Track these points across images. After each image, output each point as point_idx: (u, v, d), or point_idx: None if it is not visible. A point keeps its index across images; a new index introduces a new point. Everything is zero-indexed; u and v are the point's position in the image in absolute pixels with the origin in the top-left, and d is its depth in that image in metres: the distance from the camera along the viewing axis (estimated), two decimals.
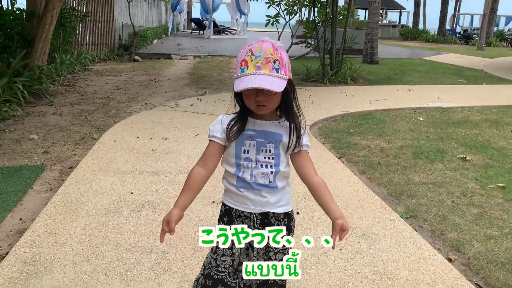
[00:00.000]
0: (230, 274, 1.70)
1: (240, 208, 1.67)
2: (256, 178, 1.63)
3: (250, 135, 1.61)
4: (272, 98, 1.55)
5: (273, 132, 1.62)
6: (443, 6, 32.69)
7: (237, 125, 1.62)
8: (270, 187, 1.65)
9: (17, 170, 4.14)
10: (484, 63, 15.52)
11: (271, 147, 1.62)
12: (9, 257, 2.54)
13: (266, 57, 1.50)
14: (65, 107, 6.82)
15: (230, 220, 1.70)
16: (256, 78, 1.48)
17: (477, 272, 2.57)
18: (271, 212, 1.67)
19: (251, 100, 1.56)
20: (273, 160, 1.63)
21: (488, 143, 5.19)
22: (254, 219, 1.67)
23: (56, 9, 7.83)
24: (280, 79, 1.51)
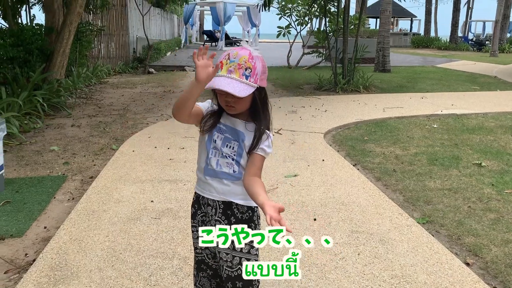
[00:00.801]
0: (208, 256, 1.86)
1: (206, 195, 1.77)
2: (221, 167, 1.73)
3: (221, 129, 1.73)
4: (239, 101, 1.65)
5: (240, 132, 1.72)
6: (455, 14, 32.60)
7: (211, 119, 1.74)
8: (234, 177, 1.73)
9: (39, 180, 4.26)
10: (497, 69, 15.43)
11: (235, 145, 1.72)
12: (37, 263, 2.63)
13: (239, 63, 1.62)
14: (83, 119, 6.98)
15: (200, 207, 1.82)
16: (224, 81, 1.60)
17: (495, 276, 2.59)
18: (234, 202, 1.75)
19: (221, 99, 1.69)
20: (235, 157, 1.72)
21: (503, 149, 5.18)
22: (217, 207, 1.76)
23: (74, 24, 8.04)
24: (247, 86, 1.61)
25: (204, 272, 1.88)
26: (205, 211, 1.80)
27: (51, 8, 8.26)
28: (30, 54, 7.50)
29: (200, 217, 1.83)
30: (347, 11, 9.86)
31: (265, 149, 1.72)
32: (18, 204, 3.67)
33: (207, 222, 1.80)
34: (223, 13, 23.42)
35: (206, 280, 1.89)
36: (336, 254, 2.75)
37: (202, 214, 1.82)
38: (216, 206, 1.76)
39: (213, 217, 1.76)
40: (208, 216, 1.79)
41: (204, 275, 1.89)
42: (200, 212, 1.83)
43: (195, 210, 1.85)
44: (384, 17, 14.00)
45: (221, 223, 1.75)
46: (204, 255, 1.87)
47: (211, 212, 1.77)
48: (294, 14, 15.11)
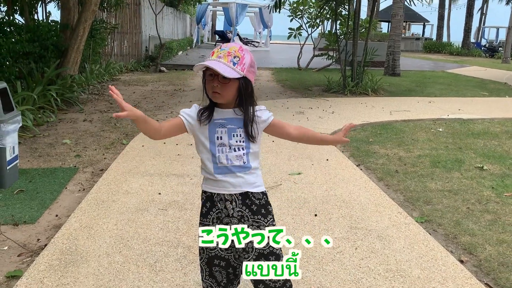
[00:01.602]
0: (221, 251, 1.87)
1: (221, 192, 1.83)
2: (232, 161, 1.80)
3: (221, 123, 1.80)
4: (225, 87, 1.72)
5: (238, 119, 1.81)
6: (468, 19, 32.46)
7: (206, 112, 1.81)
8: (245, 167, 1.82)
9: (52, 171, 4.42)
10: (508, 76, 15.38)
11: (241, 131, 1.81)
12: (49, 247, 2.77)
13: (228, 51, 1.73)
14: (95, 114, 7.15)
15: (212, 205, 1.85)
16: (212, 62, 1.69)
17: (487, 273, 2.68)
18: (250, 191, 1.83)
19: (209, 86, 1.75)
20: (244, 143, 1.81)
21: (506, 153, 5.24)
22: (236, 200, 1.82)
23: (89, 21, 8.23)
24: (233, 71, 1.70)
25: (216, 267, 1.89)
26: (221, 208, 1.83)
27: (67, 5, 8.45)
28: (46, 49, 7.69)
29: (215, 214, 1.85)
30: (357, 15, 9.94)
31: (270, 114, 1.88)
32: (31, 193, 3.82)
33: (223, 218, 1.83)
34: (236, 13, 23.58)
35: (219, 273, 1.91)
36: (334, 248, 2.85)
37: (217, 211, 1.85)
38: (234, 199, 1.82)
39: (235, 210, 1.82)
40: (227, 211, 1.82)
41: (217, 269, 1.90)
42: (215, 209, 1.85)
43: (207, 209, 1.87)
44: (395, 21, 14.04)
45: (243, 213, 1.83)
46: (217, 250, 1.87)
47: (231, 206, 1.82)
48: (306, 16, 15.20)
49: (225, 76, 1.68)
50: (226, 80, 1.71)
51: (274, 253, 1.83)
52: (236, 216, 1.82)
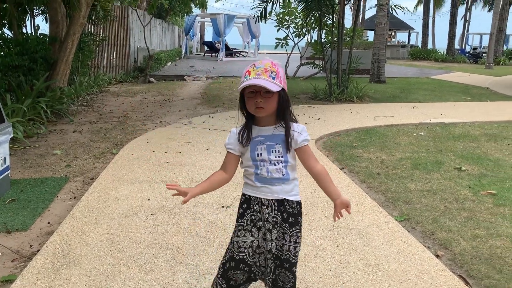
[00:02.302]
0: (249, 254, 2.01)
1: (260, 196, 1.99)
2: (272, 173, 1.96)
3: (260, 141, 1.96)
4: (268, 101, 1.88)
5: (276, 135, 1.95)
6: (451, 26, 33.10)
7: (245, 132, 1.96)
8: (284, 179, 1.97)
9: (43, 181, 4.51)
10: (491, 81, 15.75)
11: (279, 147, 1.95)
12: (42, 252, 2.87)
13: (265, 68, 1.87)
14: (85, 125, 7.25)
15: (248, 207, 2.01)
16: (255, 80, 1.84)
17: (461, 266, 2.83)
18: (286, 199, 1.99)
19: (251, 103, 1.89)
20: (282, 158, 1.96)
21: (484, 155, 5.44)
22: (272, 205, 1.98)
23: (77, 34, 8.35)
24: (275, 85, 1.86)
25: (239, 271, 2.01)
26: (256, 211, 1.99)
27: (55, 19, 8.57)
28: (35, 62, 7.79)
29: (249, 216, 2.00)
30: (341, 24, 10.18)
31: (307, 138, 1.99)
32: (23, 202, 3.91)
33: (256, 221, 1.99)
34: (224, 24, 23.83)
35: (241, 274, 2.03)
36: (317, 246, 2.99)
37: (251, 213, 2.00)
38: (271, 204, 1.98)
39: (270, 215, 1.97)
40: (261, 215, 1.98)
41: (239, 272, 2.02)
42: (249, 211, 2.00)
43: (244, 211, 2.02)
44: (379, 30, 14.35)
45: (277, 219, 1.98)
46: (245, 254, 2.00)
47: (267, 211, 1.97)
48: (292, 26, 15.47)
49: (272, 90, 1.83)
50: (269, 94, 1.86)
51: (289, 261, 2.00)
52: (271, 221, 1.98)
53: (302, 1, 10.46)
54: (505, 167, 4.94)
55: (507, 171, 4.79)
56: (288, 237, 1.99)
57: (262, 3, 10.38)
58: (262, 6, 10.41)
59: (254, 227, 2.00)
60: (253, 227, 2.00)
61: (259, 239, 2.01)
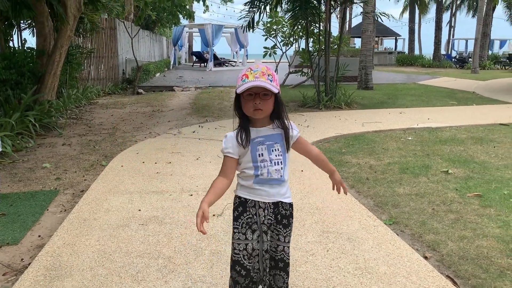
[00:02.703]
0: (245, 257, 2.05)
1: (256, 199, 2.04)
2: (271, 174, 2.01)
3: (260, 141, 2.01)
4: (266, 102, 1.95)
5: (274, 134, 2.03)
6: (437, 32, 33.59)
7: (243, 134, 2.01)
8: (281, 181, 2.04)
9: (32, 195, 4.50)
10: (477, 85, 15.99)
11: (278, 146, 2.02)
12: (33, 265, 2.87)
13: (262, 71, 1.94)
14: (74, 138, 7.23)
15: (244, 209, 2.05)
16: (256, 82, 1.90)
17: (449, 267, 2.88)
18: (281, 201, 2.05)
19: (249, 105, 1.94)
20: (281, 157, 2.03)
21: (471, 158, 5.53)
22: (268, 208, 2.04)
23: (65, 47, 8.36)
24: (274, 87, 1.94)
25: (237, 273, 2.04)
26: (253, 213, 2.04)
27: (42, 32, 8.57)
28: (22, 76, 7.78)
29: (246, 219, 2.04)
30: (328, 33, 10.31)
31: (298, 130, 2.11)
32: (13, 216, 3.89)
33: (252, 223, 2.04)
34: (212, 34, 23.95)
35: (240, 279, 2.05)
36: (307, 251, 3.03)
37: (248, 216, 2.04)
38: (267, 207, 2.04)
39: (266, 217, 2.04)
40: (257, 218, 2.03)
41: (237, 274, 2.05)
42: (246, 214, 2.05)
43: (239, 213, 2.06)
44: (365, 37, 14.53)
45: (271, 221, 2.05)
46: (240, 256, 2.04)
47: (263, 213, 2.04)
48: (280, 35, 15.61)
49: (274, 91, 1.93)
50: (267, 97, 1.94)
51: (284, 261, 2.08)
52: (266, 224, 2.04)
53: (289, 11, 10.58)
54: (491, 169, 5.03)
55: (493, 173, 4.88)
56: (283, 238, 2.06)
57: (249, 13, 10.48)
58: (249, 16, 10.51)
59: (249, 229, 2.05)
60: (247, 230, 2.05)
61: (253, 242, 2.05)
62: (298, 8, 9.83)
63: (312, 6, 10.11)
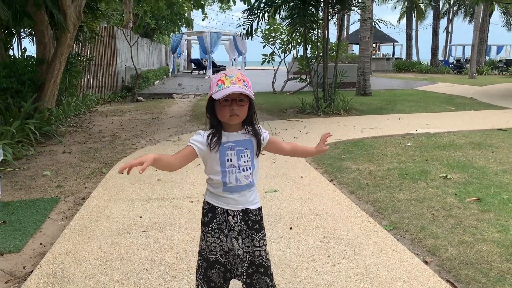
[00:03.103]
0: (222, 255, 2.09)
1: (225, 207, 2.06)
2: (240, 180, 2.04)
3: (230, 146, 2.03)
4: (243, 108, 1.98)
5: (245, 140, 2.06)
6: (434, 38, 33.77)
7: (215, 137, 2.02)
8: (250, 185, 2.07)
9: (33, 202, 4.51)
10: (474, 91, 16.08)
11: (248, 152, 2.05)
12: (36, 272, 2.89)
13: (237, 77, 1.96)
14: (74, 145, 7.25)
15: (214, 216, 2.06)
16: (233, 88, 1.92)
17: (449, 271, 2.90)
18: (249, 208, 2.08)
19: (225, 110, 1.95)
20: (250, 162, 2.06)
21: (469, 163, 5.56)
22: (237, 215, 2.06)
23: (64, 55, 8.40)
24: (250, 93, 1.97)
25: (216, 270, 2.09)
26: (222, 220, 2.05)
27: (42, 41, 8.62)
28: (22, 84, 7.81)
29: (216, 225, 2.06)
30: (326, 39, 10.38)
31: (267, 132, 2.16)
32: (14, 224, 3.91)
33: (224, 229, 2.06)
34: (210, 42, 24.06)
35: (217, 275, 2.11)
36: (309, 257, 3.04)
37: (218, 222, 2.06)
38: (236, 215, 2.06)
39: (236, 224, 2.05)
40: (227, 224, 2.05)
41: (214, 271, 2.10)
42: (216, 221, 2.06)
43: (209, 219, 2.07)
44: (363, 43, 14.62)
45: (241, 227, 2.07)
46: (218, 256, 2.08)
47: (233, 220, 2.05)
48: (278, 42, 15.69)
49: (251, 97, 1.96)
50: (243, 102, 1.97)
51: (263, 265, 2.09)
52: (237, 230, 2.06)
53: (287, 18, 10.66)
54: (489, 174, 5.06)
55: (492, 177, 4.91)
56: (257, 242, 2.08)
57: (248, 20, 10.55)
58: (248, 23, 10.59)
59: (222, 234, 2.07)
60: (220, 234, 2.07)
61: (228, 244, 2.08)
62: (296, 15, 9.91)
63: (310, 13, 10.19)
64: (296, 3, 10.21)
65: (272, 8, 10.33)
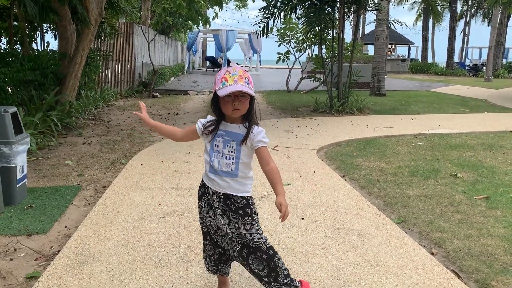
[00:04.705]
0: (212, 231, 2.37)
1: (210, 186, 2.28)
2: (222, 166, 2.24)
3: (220, 134, 2.25)
4: (244, 104, 2.17)
5: (236, 133, 2.23)
6: (450, 40, 33.57)
7: (211, 127, 2.26)
8: (232, 174, 2.24)
9: (57, 189, 4.74)
10: (489, 93, 16.01)
11: (234, 144, 2.23)
12: (64, 251, 3.09)
13: (240, 75, 2.14)
14: (94, 137, 7.49)
15: (204, 192, 2.33)
16: (236, 86, 2.11)
17: (454, 262, 3.03)
18: (231, 194, 2.25)
19: (228, 105, 2.16)
20: (235, 154, 2.23)
21: (480, 163, 5.66)
22: (219, 196, 2.28)
23: (86, 50, 8.66)
24: (251, 90, 2.15)
25: (207, 241, 2.42)
26: (209, 197, 2.31)
27: (65, 35, 8.89)
28: (45, 77, 8.07)
29: (206, 200, 2.33)
30: (341, 39, 10.49)
31: (264, 140, 2.25)
32: (40, 208, 4.13)
33: (211, 205, 2.30)
34: (226, 40, 24.26)
35: (211, 247, 2.43)
36: (319, 245, 3.20)
37: (207, 198, 2.32)
38: (218, 196, 2.27)
39: (218, 205, 2.27)
40: (213, 202, 2.30)
41: (208, 243, 2.43)
42: (205, 196, 2.33)
43: (202, 194, 2.35)
44: (378, 44, 14.67)
45: (225, 209, 2.27)
46: (208, 230, 2.39)
47: (216, 199, 2.28)
48: (293, 41, 15.83)
49: (252, 94, 2.14)
50: (244, 98, 2.16)
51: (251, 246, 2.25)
52: (220, 209, 2.28)
53: (303, 17, 10.79)
54: (499, 174, 5.15)
55: (501, 177, 5.01)
56: (242, 225, 2.26)
57: (264, 19, 10.71)
58: (264, 22, 10.74)
59: (211, 209, 2.31)
60: (209, 209, 2.32)
61: (216, 221, 2.30)
62: (312, 14, 10.04)
63: (326, 13, 10.31)
64: (312, 3, 10.34)
65: (289, 7, 10.46)
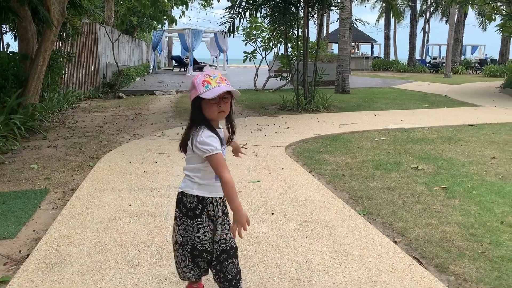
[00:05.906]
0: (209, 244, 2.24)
1: (215, 196, 2.22)
2: None
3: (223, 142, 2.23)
4: (227, 105, 2.17)
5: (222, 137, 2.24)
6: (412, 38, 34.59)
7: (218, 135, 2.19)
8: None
9: (23, 193, 4.66)
10: (449, 89, 16.63)
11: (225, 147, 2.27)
12: (34, 254, 3.07)
13: (220, 77, 2.16)
14: (59, 140, 7.37)
15: (203, 208, 2.20)
16: (224, 87, 2.10)
17: (415, 249, 3.20)
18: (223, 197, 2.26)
19: (214, 108, 2.11)
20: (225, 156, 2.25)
21: (439, 155, 5.92)
22: (221, 202, 2.28)
23: (48, 51, 8.47)
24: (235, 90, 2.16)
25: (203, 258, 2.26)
26: (210, 209, 2.20)
27: (25, 36, 8.67)
28: (6, 80, 7.87)
29: (206, 214, 2.20)
30: (305, 38, 10.68)
31: None
32: (6, 213, 4.06)
33: (212, 216, 2.22)
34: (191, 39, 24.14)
35: (203, 263, 2.30)
36: (289, 237, 3.31)
37: (207, 211, 2.20)
38: (221, 201, 2.27)
39: (223, 210, 2.27)
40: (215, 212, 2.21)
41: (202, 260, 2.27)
42: (205, 210, 2.19)
43: (200, 211, 2.19)
44: (342, 43, 14.99)
45: (224, 212, 2.29)
46: (206, 244, 2.22)
47: (219, 207, 2.23)
48: (259, 40, 15.96)
49: (238, 94, 2.14)
50: (227, 100, 2.15)
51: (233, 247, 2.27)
52: (220, 215, 2.26)
53: (268, 16, 10.91)
54: (457, 165, 5.42)
55: (459, 168, 5.27)
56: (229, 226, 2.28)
57: (229, 18, 10.77)
58: (230, 22, 10.80)
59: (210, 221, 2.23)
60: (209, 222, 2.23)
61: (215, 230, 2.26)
62: (277, 14, 10.18)
63: (291, 12, 10.47)
64: (277, 2, 10.48)
65: (254, 6, 10.56)
